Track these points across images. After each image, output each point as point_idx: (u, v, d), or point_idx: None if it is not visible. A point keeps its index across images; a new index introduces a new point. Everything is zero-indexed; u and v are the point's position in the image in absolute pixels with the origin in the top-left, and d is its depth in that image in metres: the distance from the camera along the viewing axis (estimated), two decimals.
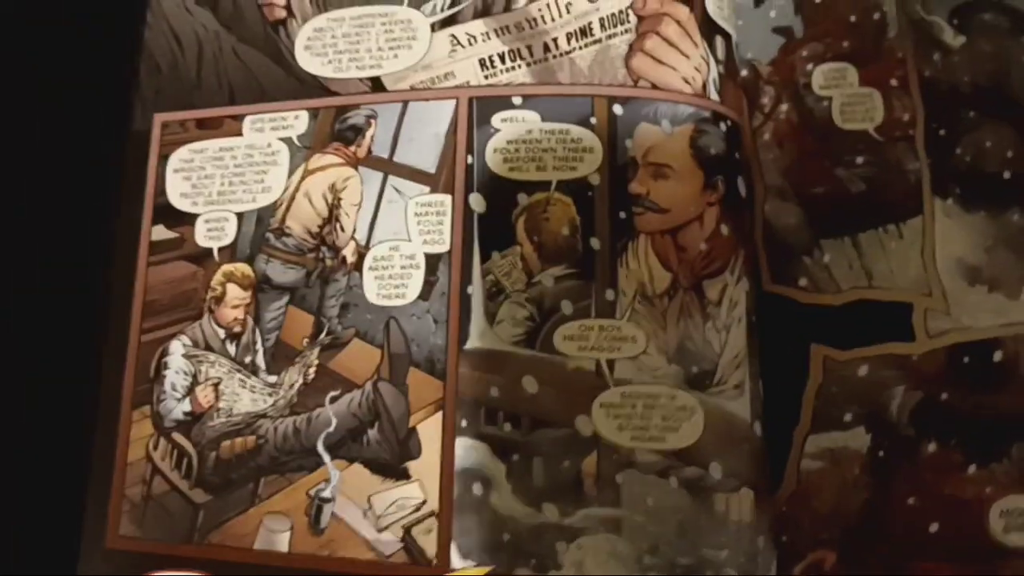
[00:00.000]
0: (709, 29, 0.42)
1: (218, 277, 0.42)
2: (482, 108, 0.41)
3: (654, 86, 0.41)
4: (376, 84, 0.42)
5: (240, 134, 0.43)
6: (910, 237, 0.42)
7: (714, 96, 0.41)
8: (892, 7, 0.46)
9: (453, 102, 0.42)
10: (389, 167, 0.42)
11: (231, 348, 0.41)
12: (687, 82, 0.41)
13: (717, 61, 0.42)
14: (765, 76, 0.45)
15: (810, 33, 0.46)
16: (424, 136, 0.42)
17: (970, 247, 0.42)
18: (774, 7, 0.46)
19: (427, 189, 0.41)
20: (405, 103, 0.42)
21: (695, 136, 0.40)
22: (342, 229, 0.41)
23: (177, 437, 0.40)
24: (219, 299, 0.41)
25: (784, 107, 0.45)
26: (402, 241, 0.41)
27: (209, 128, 0.43)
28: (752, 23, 0.46)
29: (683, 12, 0.42)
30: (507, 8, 0.42)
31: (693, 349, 0.38)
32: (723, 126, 0.41)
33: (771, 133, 0.44)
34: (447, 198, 0.41)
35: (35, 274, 0.44)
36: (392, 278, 0.40)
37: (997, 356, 0.41)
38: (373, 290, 0.40)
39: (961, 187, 0.43)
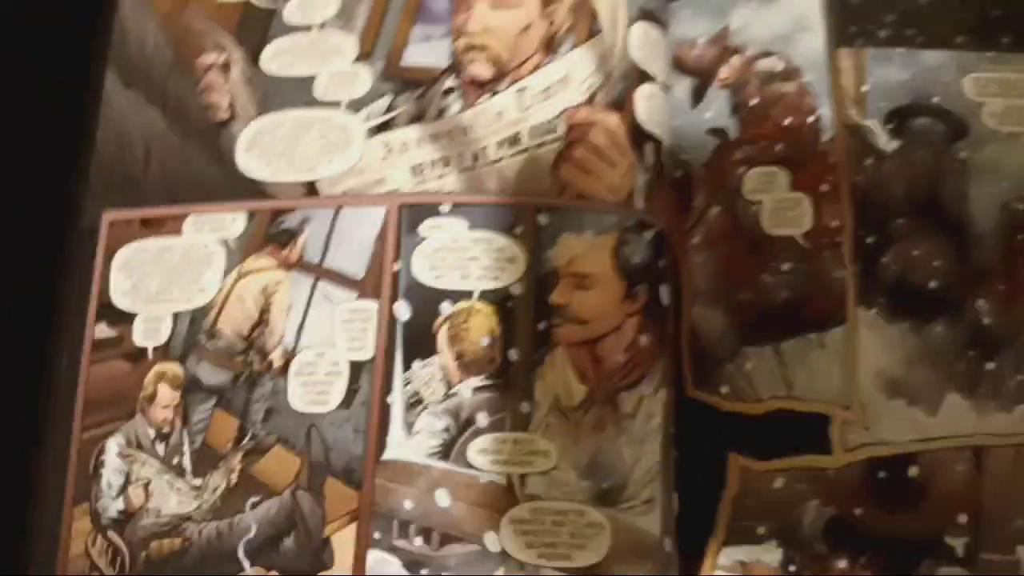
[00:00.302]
0: (638, 136, 0.43)
1: (150, 376, 0.43)
2: (412, 215, 0.42)
3: (580, 195, 0.41)
4: (311, 188, 0.43)
5: (180, 233, 0.44)
6: (832, 347, 0.42)
7: (640, 204, 0.42)
8: (828, 110, 0.46)
9: (384, 208, 0.42)
10: (320, 272, 0.43)
11: (160, 448, 0.42)
12: (613, 191, 0.41)
13: (645, 168, 0.42)
14: (698, 178, 0.46)
15: (744, 135, 0.46)
16: (354, 242, 0.42)
17: (891, 359, 0.42)
18: (711, 108, 0.46)
19: (355, 295, 0.42)
20: (338, 208, 0.43)
21: (618, 245, 0.41)
22: (271, 333, 0.42)
23: (112, 535, 0.41)
24: (150, 399, 0.42)
25: (715, 210, 0.45)
26: (328, 348, 0.42)
27: (152, 227, 0.44)
28: (688, 124, 0.46)
29: (613, 120, 0.42)
30: (439, 116, 0.43)
31: (605, 464, 0.39)
32: (648, 234, 0.41)
33: (701, 236, 0.45)
34: (374, 305, 0.42)
35: None
36: (316, 384, 0.41)
37: (913, 472, 0.41)
38: (297, 396, 0.41)
39: (886, 297, 0.43)
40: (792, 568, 0.40)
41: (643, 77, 0.43)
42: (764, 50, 0.47)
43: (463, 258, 0.41)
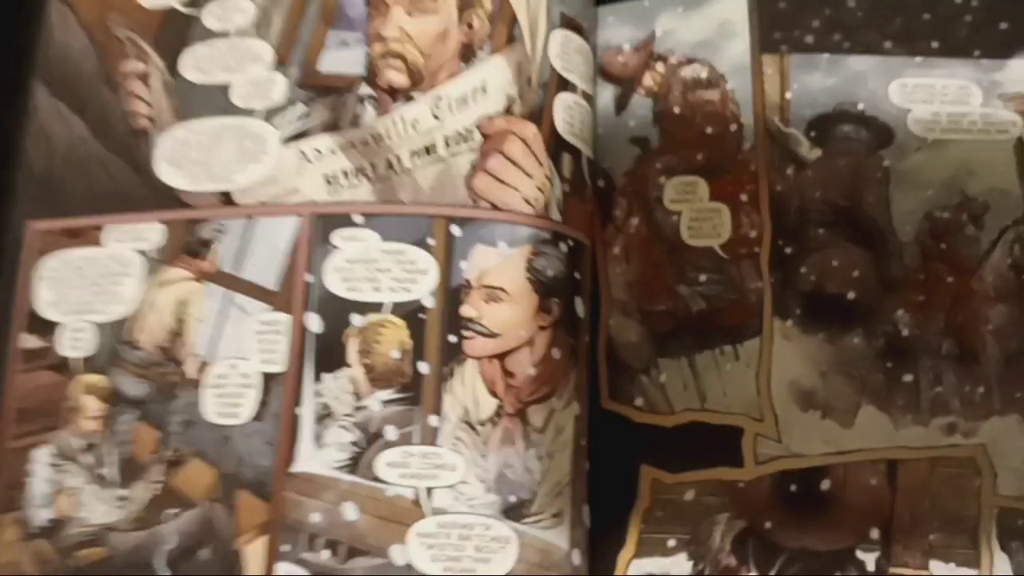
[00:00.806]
0: (557, 146, 0.42)
1: (77, 387, 0.43)
2: (324, 225, 0.42)
3: (494, 206, 0.41)
4: (227, 198, 0.43)
5: (100, 244, 0.44)
6: (746, 358, 0.42)
7: (556, 216, 0.41)
8: (750, 118, 0.45)
9: (297, 218, 0.42)
10: (234, 283, 0.43)
11: (88, 459, 0.43)
12: (528, 202, 0.41)
13: (563, 179, 0.42)
14: (619, 187, 0.45)
15: (666, 144, 0.46)
16: (268, 252, 0.42)
17: (806, 371, 0.42)
18: (633, 116, 0.46)
19: (268, 307, 0.42)
20: (251, 218, 0.43)
21: (532, 258, 0.41)
22: (186, 344, 0.43)
23: (40, 544, 0.42)
24: (77, 410, 0.43)
25: (635, 220, 0.45)
26: (241, 359, 0.42)
27: (75, 237, 0.44)
28: (611, 132, 0.46)
29: (529, 130, 0.42)
30: (354, 123, 0.43)
31: (512, 478, 0.39)
32: (563, 246, 0.41)
33: (621, 246, 0.45)
34: (286, 317, 0.42)
35: None
36: (230, 396, 0.42)
37: (825, 485, 0.41)
38: (212, 408, 0.42)
39: (802, 308, 0.43)
40: None
41: (563, 86, 0.43)
42: (688, 57, 0.47)
43: (375, 269, 0.41)
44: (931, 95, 0.45)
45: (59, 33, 0.47)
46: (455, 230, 0.41)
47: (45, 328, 0.44)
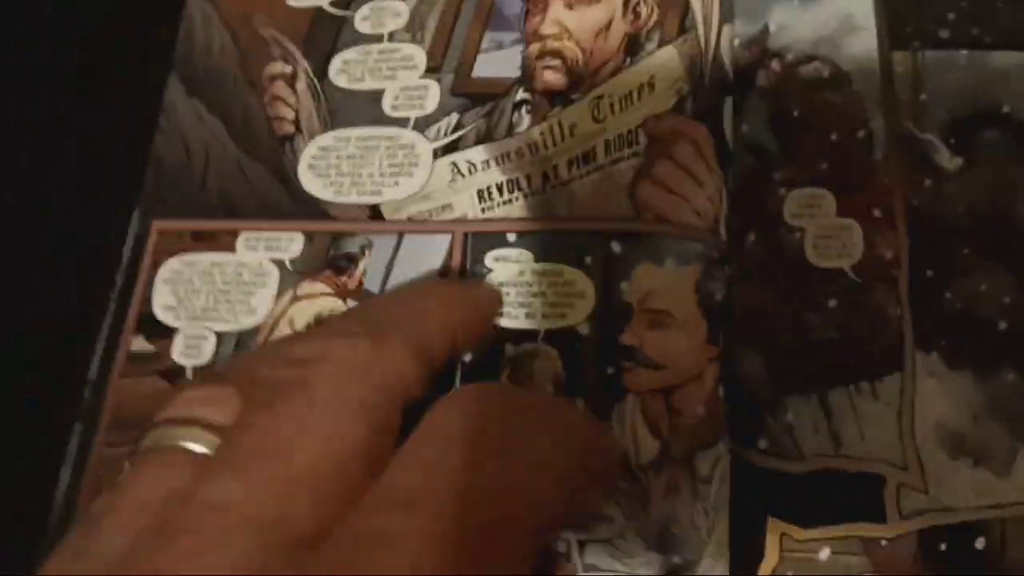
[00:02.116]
0: (724, 154, 0.37)
1: None
2: (476, 244, 0.38)
3: (661, 219, 0.36)
4: (375, 212, 0.39)
5: (233, 250, 0.40)
6: (886, 398, 0.37)
7: (723, 233, 0.36)
8: (880, 123, 0.40)
9: (448, 237, 0.38)
10: None
11: None
12: (699, 214, 0.36)
13: (730, 191, 0.37)
14: (733, 201, 0.40)
15: (785, 152, 0.41)
16: (417, 272, 0.38)
17: (955, 412, 0.37)
18: (747, 120, 0.41)
19: None
20: (401, 235, 0.39)
21: (702, 279, 0.36)
22: None
23: None
24: None
25: (751, 237, 0.40)
26: None
27: (204, 241, 0.41)
28: None
29: (701, 131, 0.37)
30: (509, 133, 0.38)
31: (677, 535, 0.34)
32: (728, 268, 0.36)
33: (735, 267, 0.40)
34: None
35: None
36: None
37: (979, 544, 0.36)
38: None
39: (948, 340, 0.38)
40: None
41: (730, 88, 0.38)
42: (808, 54, 0.42)
43: (528, 294, 0.36)
44: None
45: (200, 30, 0.44)
46: (616, 246, 0.36)
47: (159, 332, 0.40)
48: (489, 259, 0.37)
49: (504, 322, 0.37)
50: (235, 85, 0.42)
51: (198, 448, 0.26)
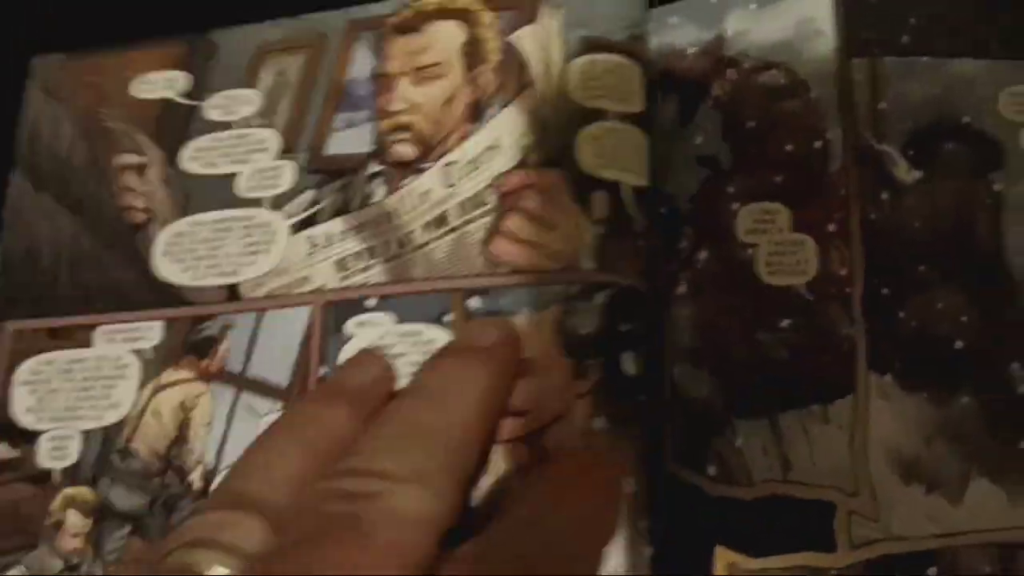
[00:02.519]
0: (585, 187, 0.37)
1: (58, 502, 0.38)
2: (337, 313, 0.38)
3: (515, 271, 0.36)
4: (233, 292, 0.39)
5: (90, 345, 0.40)
6: (837, 420, 0.36)
7: (588, 264, 0.36)
8: (837, 133, 0.39)
9: (308, 309, 0.38)
10: (242, 382, 0.39)
11: None
12: (553, 257, 0.36)
13: (595, 221, 0.36)
14: (685, 215, 0.39)
15: (739, 164, 0.39)
16: (278, 347, 0.38)
17: (908, 436, 0.36)
18: (700, 131, 0.40)
19: (279, 405, 0.38)
20: (260, 312, 0.39)
21: (561, 319, 0.35)
22: (191, 451, 0.38)
23: None
24: (57, 526, 0.38)
25: (704, 254, 0.39)
26: None
27: (60, 338, 0.40)
28: (675, 150, 0.40)
29: (549, 178, 0.37)
30: (364, 204, 0.39)
31: None
32: (600, 297, 0.35)
33: (688, 285, 0.39)
34: None
35: None
36: None
37: (931, 572, 0.35)
38: None
39: (903, 360, 0.37)
40: None
41: (589, 117, 0.38)
42: (765, 60, 0.40)
43: (391, 356, 0.36)
44: None
45: (46, 126, 0.44)
46: (473, 303, 0.36)
47: (22, 437, 0.39)
48: (350, 325, 0.38)
49: None
50: (86, 177, 0.43)
51: (223, 572, 0.25)
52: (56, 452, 0.39)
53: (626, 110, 0.38)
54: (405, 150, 0.40)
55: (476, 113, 0.39)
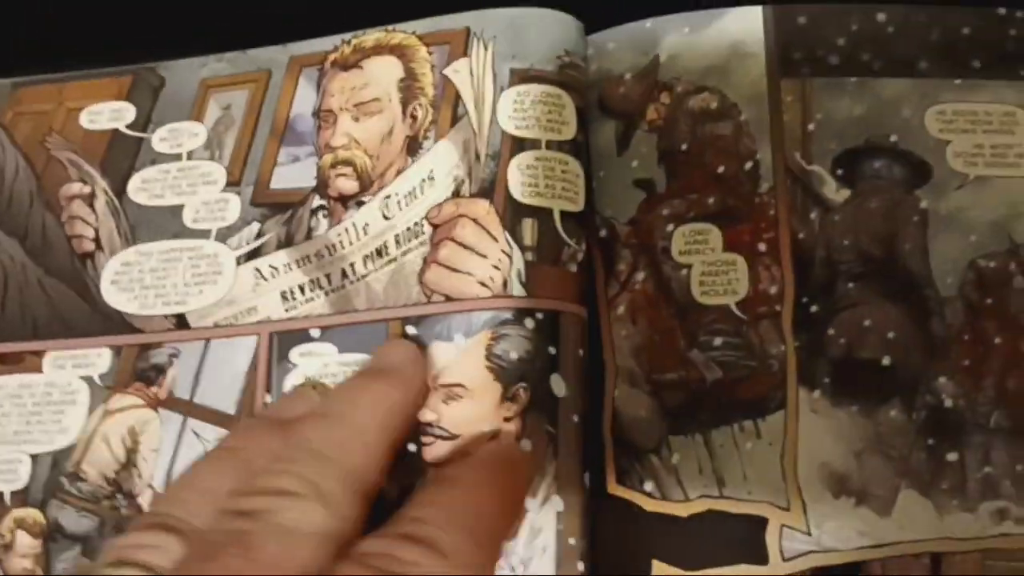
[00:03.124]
0: (515, 214, 0.38)
1: (7, 523, 0.39)
2: (282, 343, 0.39)
3: (448, 298, 0.37)
4: (181, 321, 0.40)
5: (40, 370, 0.41)
6: (769, 436, 0.37)
7: (518, 291, 0.37)
8: (768, 155, 0.40)
9: (254, 338, 0.39)
10: (189, 409, 0.39)
11: None
12: (484, 284, 0.37)
13: (524, 248, 0.37)
14: (623, 238, 0.40)
15: (673, 187, 0.40)
16: (225, 375, 0.39)
17: (838, 450, 0.37)
18: (637, 156, 0.41)
19: (226, 432, 0.38)
20: (207, 341, 0.40)
21: (492, 344, 0.36)
22: (139, 475, 0.39)
23: None
24: (7, 547, 0.39)
25: (641, 275, 0.40)
26: None
27: (9, 363, 0.41)
28: (613, 175, 0.41)
29: (480, 208, 0.38)
30: (308, 236, 0.40)
31: None
32: (530, 322, 0.36)
33: (626, 305, 0.40)
34: None
35: None
36: None
37: None
38: None
39: (831, 376, 0.38)
40: None
41: (520, 147, 0.38)
42: (696, 84, 0.41)
43: (333, 384, 0.37)
44: (973, 123, 0.40)
45: None
46: (410, 330, 0.37)
47: None
48: (295, 355, 0.38)
49: None
50: (32, 206, 0.43)
51: None
52: (4, 475, 0.39)
53: (558, 138, 0.39)
54: (346, 184, 0.40)
55: (413, 147, 0.40)
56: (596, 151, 0.41)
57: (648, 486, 0.38)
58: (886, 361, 0.38)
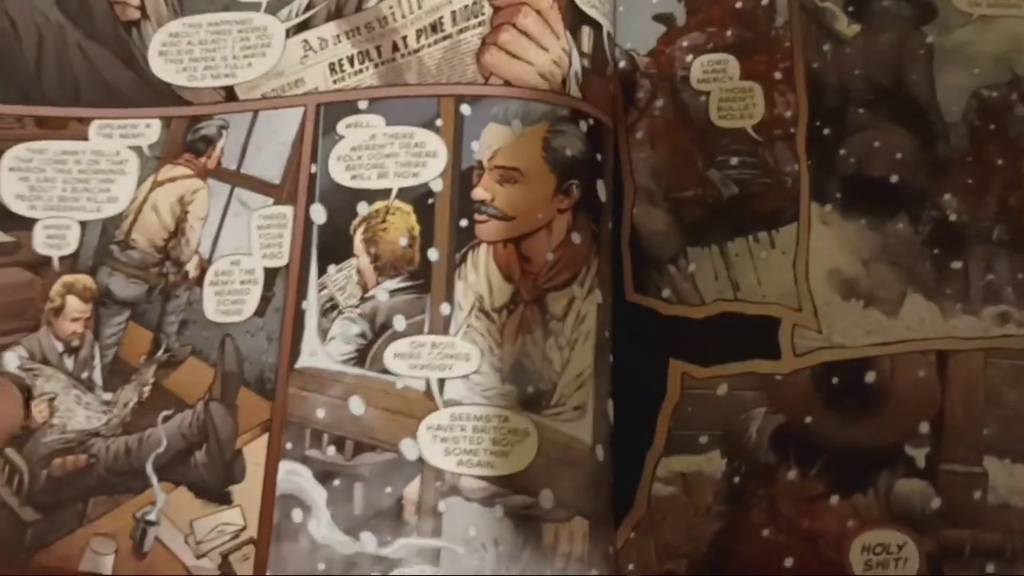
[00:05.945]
0: (575, 19, 0.39)
1: (58, 288, 0.40)
2: (328, 114, 0.40)
3: (507, 83, 0.38)
4: (230, 93, 0.41)
5: (86, 138, 0.41)
6: (782, 246, 0.39)
7: (575, 92, 0.38)
8: None
9: (301, 109, 0.40)
10: (236, 179, 0.40)
11: (68, 362, 0.40)
12: (544, 77, 0.38)
13: (582, 54, 0.39)
14: (643, 68, 0.42)
15: (692, 21, 0.43)
16: (271, 146, 0.40)
17: (848, 258, 0.39)
18: None
19: (271, 201, 0.40)
20: (255, 112, 0.41)
21: (549, 137, 0.38)
22: (187, 243, 0.40)
23: (10, 452, 0.39)
24: (58, 311, 0.40)
25: (660, 102, 0.42)
26: (243, 255, 0.39)
27: (50, 128, 0.41)
28: (633, 9, 0.43)
29: (544, 1, 0.39)
30: (359, 8, 0.40)
31: (530, 368, 0.36)
32: (583, 125, 0.38)
33: (644, 130, 0.42)
34: (289, 210, 0.39)
35: None
36: (231, 294, 0.39)
37: (869, 378, 0.38)
38: (212, 306, 0.39)
39: (842, 192, 0.40)
40: (736, 480, 0.37)
41: None
42: None
43: (381, 155, 0.38)
44: None
45: None
46: (465, 109, 0.38)
47: (14, 223, 0.41)
48: (341, 127, 0.39)
49: (357, 183, 0.38)
50: None
51: None
52: (52, 240, 0.40)
53: None
54: None
55: None
56: None
57: (665, 293, 0.40)
58: (894, 179, 0.40)
